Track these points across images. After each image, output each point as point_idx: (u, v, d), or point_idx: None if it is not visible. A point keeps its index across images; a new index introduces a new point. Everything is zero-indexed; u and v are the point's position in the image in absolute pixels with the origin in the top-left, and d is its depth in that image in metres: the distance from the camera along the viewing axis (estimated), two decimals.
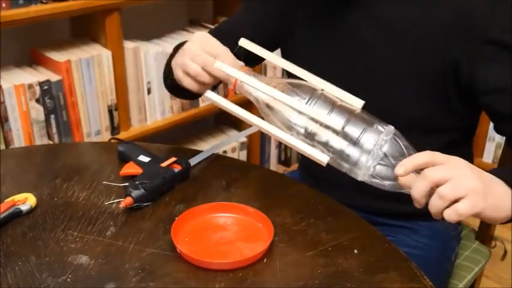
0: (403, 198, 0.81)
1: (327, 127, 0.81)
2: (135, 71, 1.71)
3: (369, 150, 0.79)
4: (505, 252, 1.31)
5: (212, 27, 1.87)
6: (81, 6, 1.50)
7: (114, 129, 1.71)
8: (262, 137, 2.19)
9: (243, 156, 2.12)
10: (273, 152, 2.29)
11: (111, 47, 1.62)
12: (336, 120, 0.80)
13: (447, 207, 0.73)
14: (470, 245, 1.25)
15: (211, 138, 2.08)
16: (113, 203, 0.93)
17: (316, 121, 0.81)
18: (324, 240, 0.86)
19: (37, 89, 1.51)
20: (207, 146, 1.91)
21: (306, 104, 0.82)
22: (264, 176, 1.06)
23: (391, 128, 0.81)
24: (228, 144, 2.03)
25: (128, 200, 0.90)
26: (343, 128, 0.80)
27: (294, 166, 2.30)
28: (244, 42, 0.90)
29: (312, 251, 0.83)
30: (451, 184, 0.72)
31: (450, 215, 0.72)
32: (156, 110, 1.81)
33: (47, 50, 1.59)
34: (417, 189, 0.74)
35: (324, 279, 0.78)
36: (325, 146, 0.82)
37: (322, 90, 0.84)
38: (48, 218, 0.89)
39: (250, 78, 0.86)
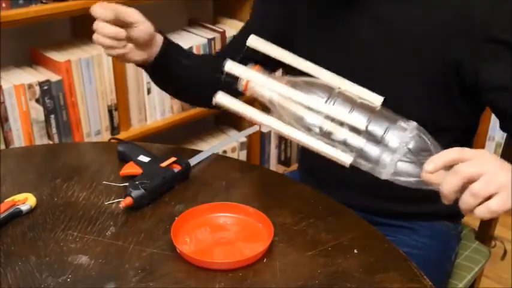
0: (403, 198, 0.81)
1: (344, 125, 0.78)
2: (135, 71, 1.71)
3: (395, 148, 0.76)
4: (505, 252, 1.31)
5: (212, 27, 1.88)
6: (81, 6, 1.50)
7: (114, 129, 1.71)
8: (262, 137, 2.18)
9: (243, 156, 2.12)
10: (273, 152, 2.29)
11: None
12: (359, 119, 0.78)
13: (479, 203, 0.72)
14: (470, 245, 1.25)
15: (211, 138, 2.08)
16: (113, 203, 0.93)
17: (332, 120, 0.78)
18: (324, 240, 0.86)
19: (37, 89, 1.51)
20: (207, 146, 1.91)
21: (325, 103, 0.79)
22: (264, 176, 1.06)
23: (414, 123, 0.78)
24: (228, 144, 2.03)
25: (128, 200, 0.90)
26: (366, 127, 0.78)
27: (294, 166, 2.30)
28: (253, 40, 0.85)
29: (312, 251, 0.83)
30: (484, 180, 0.71)
31: (483, 212, 0.71)
32: (156, 110, 1.81)
33: (47, 50, 1.59)
34: (448, 185, 0.73)
35: (324, 279, 0.78)
36: (344, 145, 0.79)
37: (339, 88, 0.80)
38: (48, 218, 0.89)
39: (265, 78, 0.81)
